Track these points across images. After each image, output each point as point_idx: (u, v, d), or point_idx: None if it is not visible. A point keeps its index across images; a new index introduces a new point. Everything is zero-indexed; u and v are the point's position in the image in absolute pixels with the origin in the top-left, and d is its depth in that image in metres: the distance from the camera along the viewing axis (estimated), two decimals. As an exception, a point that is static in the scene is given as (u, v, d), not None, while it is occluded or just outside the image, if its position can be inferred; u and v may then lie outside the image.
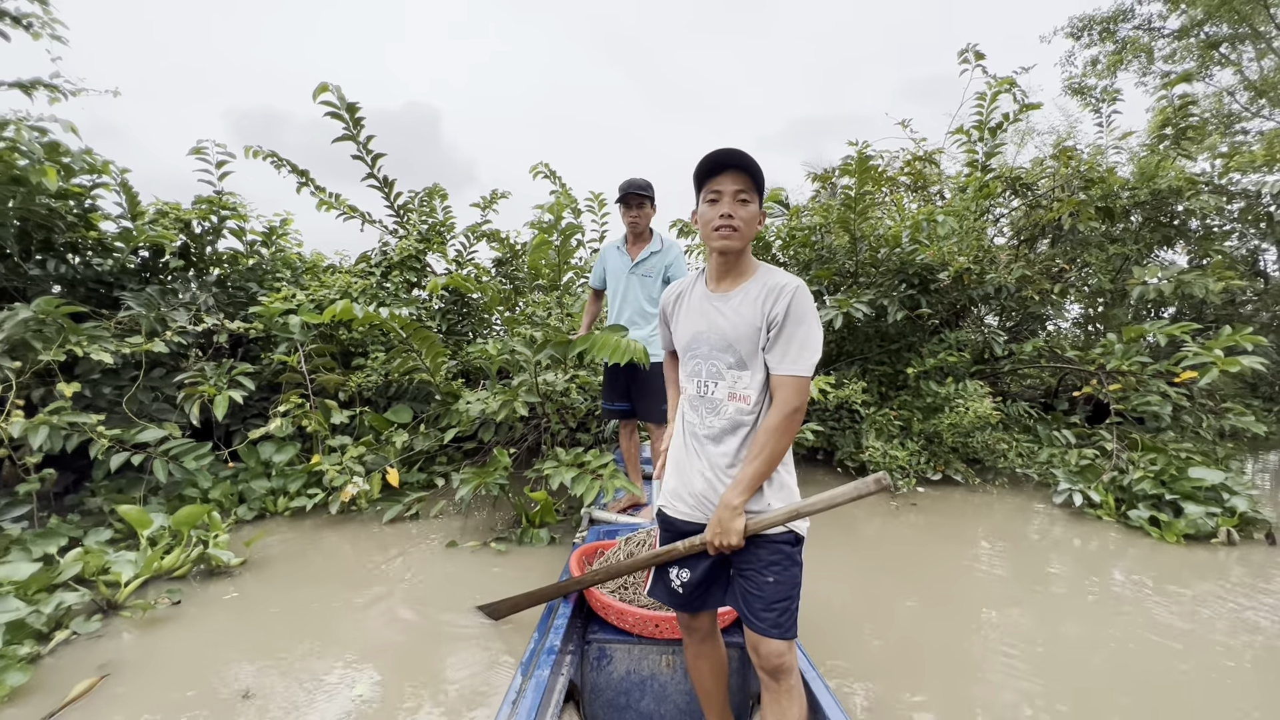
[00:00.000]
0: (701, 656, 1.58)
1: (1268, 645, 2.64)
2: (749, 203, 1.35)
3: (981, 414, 4.68)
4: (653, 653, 1.87)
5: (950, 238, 5.21)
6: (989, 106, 5.88)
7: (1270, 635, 2.71)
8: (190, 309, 4.11)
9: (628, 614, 1.87)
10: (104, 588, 2.55)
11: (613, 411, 3.27)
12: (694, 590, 1.48)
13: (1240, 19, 12.31)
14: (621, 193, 3.02)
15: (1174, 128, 6.03)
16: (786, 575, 1.35)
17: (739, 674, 1.85)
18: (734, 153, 1.33)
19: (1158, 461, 4.28)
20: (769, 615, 1.33)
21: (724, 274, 1.43)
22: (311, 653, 2.34)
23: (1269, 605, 3.00)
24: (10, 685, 1.94)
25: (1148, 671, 2.41)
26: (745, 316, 1.36)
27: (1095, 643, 2.62)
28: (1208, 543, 3.81)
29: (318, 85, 4.93)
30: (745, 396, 1.37)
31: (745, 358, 1.37)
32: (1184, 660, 2.49)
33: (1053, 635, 2.69)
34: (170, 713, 1.96)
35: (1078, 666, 2.42)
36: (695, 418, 1.45)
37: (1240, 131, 13.60)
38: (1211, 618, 2.86)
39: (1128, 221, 6.28)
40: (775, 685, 1.36)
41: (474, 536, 3.58)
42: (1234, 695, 2.26)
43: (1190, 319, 7.40)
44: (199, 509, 2.98)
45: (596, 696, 1.89)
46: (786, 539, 1.37)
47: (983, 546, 3.80)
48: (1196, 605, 2.99)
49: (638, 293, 3.11)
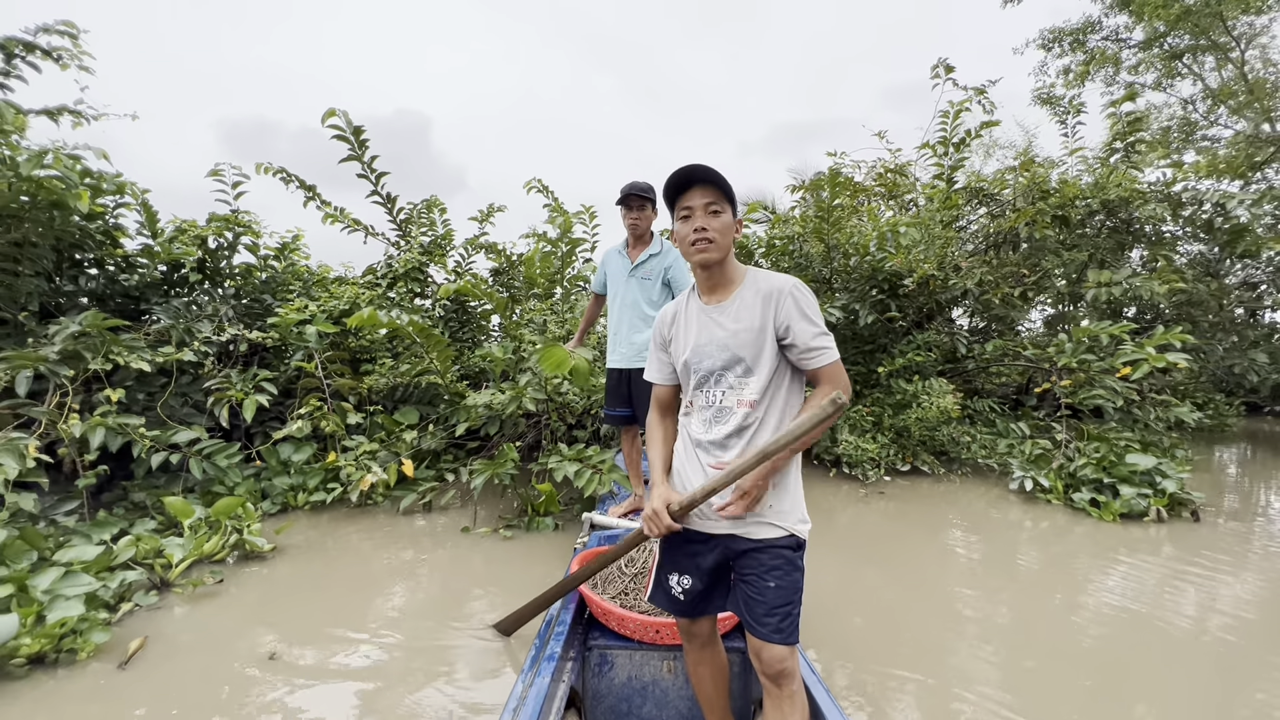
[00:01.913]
0: (702, 663, 1.59)
1: (1187, 615, 3.05)
2: (720, 213, 1.38)
3: (944, 408, 5.09)
4: (654, 658, 1.87)
5: (915, 247, 5.64)
6: (952, 124, 6.33)
7: (1196, 604, 3.12)
8: (213, 320, 4.45)
9: (628, 620, 1.86)
10: (159, 568, 2.89)
11: (614, 418, 3.23)
12: (694, 596, 1.48)
13: (1200, 31, 12.93)
14: (622, 195, 2.99)
15: (1122, 142, 6.50)
16: (788, 580, 1.36)
17: (740, 679, 1.85)
18: (698, 168, 1.37)
19: (1100, 449, 4.72)
20: (771, 620, 1.33)
21: (713, 285, 1.46)
22: (331, 623, 2.67)
23: (1195, 575, 3.41)
24: (95, 643, 2.29)
25: (1094, 637, 2.77)
26: (745, 322, 1.38)
27: (1046, 613, 2.94)
28: (1140, 521, 4.24)
29: (326, 110, 5.30)
30: (751, 401, 1.38)
31: (750, 363, 1.38)
32: (1123, 627, 2.86)
33: (1008, 608, 3.02)
34: (212, 668, 2.31)
35: (1035, 636, 2.72)
36: (701, 427, 1.45)
37: (1203, 139, 14.25)
38: (1143, 588, 3.26)
39: (1084, 229, 6.75)
40: (777, 690, 1.35)
41: (484, 524, 3.95)
42: (1162, 658, 2.64)
43: (1150, 319, 7.92)
44: (235, 500, 3.33)
45: (598, 703, 1.89)
46: (788, 544, 1.38)
47: (948, 530, 4.19)
48: (1130, 577, 3.39)
49: (637, 295, 3.05)
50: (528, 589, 2.85)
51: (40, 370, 3.24)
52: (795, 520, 1.40)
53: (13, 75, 4.48)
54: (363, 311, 3.72)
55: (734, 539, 1.41)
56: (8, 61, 4.48)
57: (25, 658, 2.16)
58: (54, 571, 2.48)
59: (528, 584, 2.91)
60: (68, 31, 4.61)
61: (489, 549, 3.58)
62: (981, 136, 6.54)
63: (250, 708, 2.07)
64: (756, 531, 1.38)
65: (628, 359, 3.08)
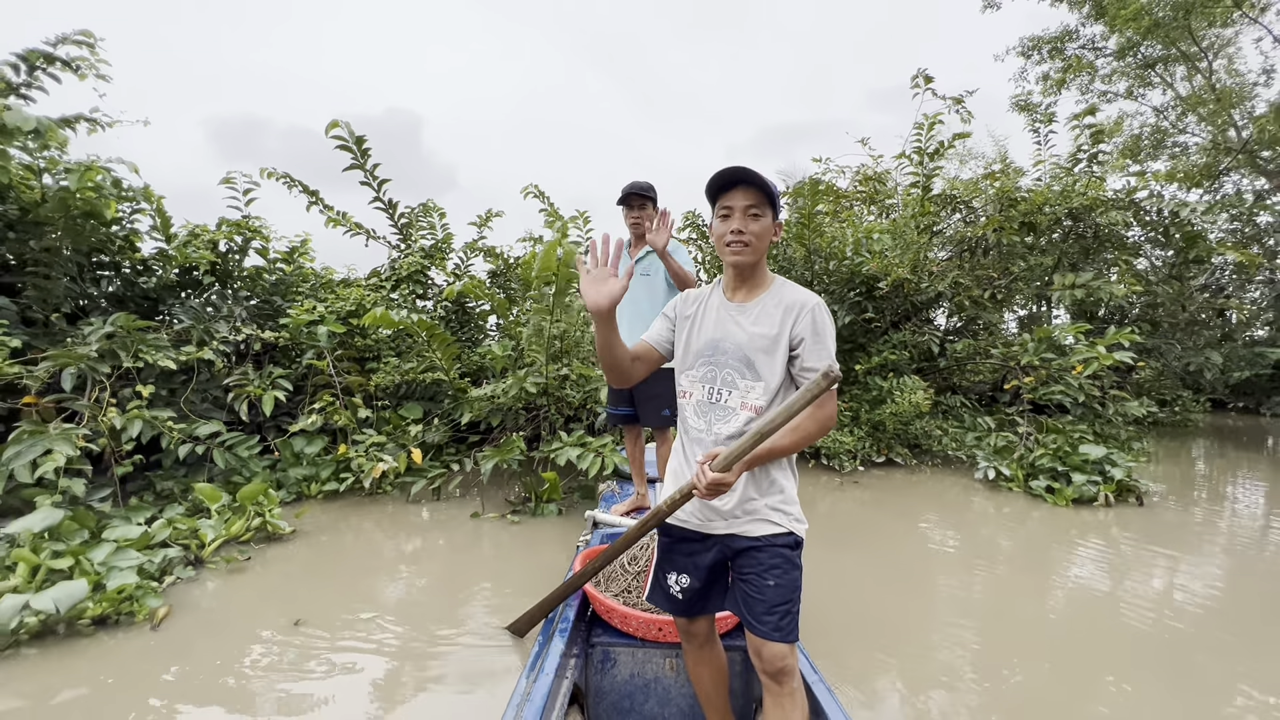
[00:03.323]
0: (701, 662, 1.59)
1: (1130, 591, 3.42)
2: (760, 217, 1.38)
3: (915, 403, 5.46)
4: (656, 656, 1.88)
5: (889, 252, 6.00)
6: (926, 135, 6.69)
7: (1138, 580, 3.45)
8: (229, 321, 4.72)
9: (631, 618, 1.88)
10: (194, 547, 3.18)
11: (616, 416, 3.24)
12: (692, 595, 1.49)
13: (1170, 41, 13.44)
14: (623, 195, 3.01)
15: (1086, 153, 6.90)
16: (787, 579, 1.36)
17: (741, 677, 1.86)
18: (743, 169, 1.36)
19: (1057, 441, 5.10)
20: (770, 619, 1.34)
21: (739, 285, 1.46)
22: (349, 596, 2.97)
23: (1139, 554, 3.77)
24: (150, 606, 2.58)
25: (1048, 609, 3.12)
26: (762, 329, 1.39)
27: (1011, 591, 3.23)
28: (1091, 505, 4.62)
29: (330, 122, 5.60)
30: (756, 406, 1.38)
31: (760, 368, 1.38)
32: (1072, 599, 3.22)
33: (975, 585, 3.35)
34: (246, 631, 2.60)
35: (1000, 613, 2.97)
36: (702, 424, 1.44)
37: (1174, 145, 14.79)
38: (1090, 565, 3.63)
39: (1052, 235, 7.14)
40: (777, 688, 1.36)
41: (492, 510, 4.26)
42: (1108, 627, 3.00)
43: (1120, 320, 8.35)
44: (259, 486, 3.61)
45: (601, 700, 1.90)
46: (786, 542, 1.39)
47: (918, 516, 4.53)
48: (1082, 556, 3.74)
49: (638, 292, 3.03)
50: (535, 573, 3.16)
51: (79, 367, 3.51)
52: (793, 519, 1.41)
53: (34, 86, 4.72)
54: (375, 311, 4.02)
55: (733, 538, 1.41)
56: (30, 73, 4.72)
57: (90, 619, 2.45)
58: (106, 547, 2.77)
59: (535, 569, 3.22)
60: (85, 41, 4.84)
61: (497, 534, 3.89)
62: (955, 147, 6.90)
63: (280, 663, 2.36)
64: (755, 529, 1.39)
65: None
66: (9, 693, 2.14)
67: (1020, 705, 2.21)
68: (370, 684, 2.26)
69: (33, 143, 4.08)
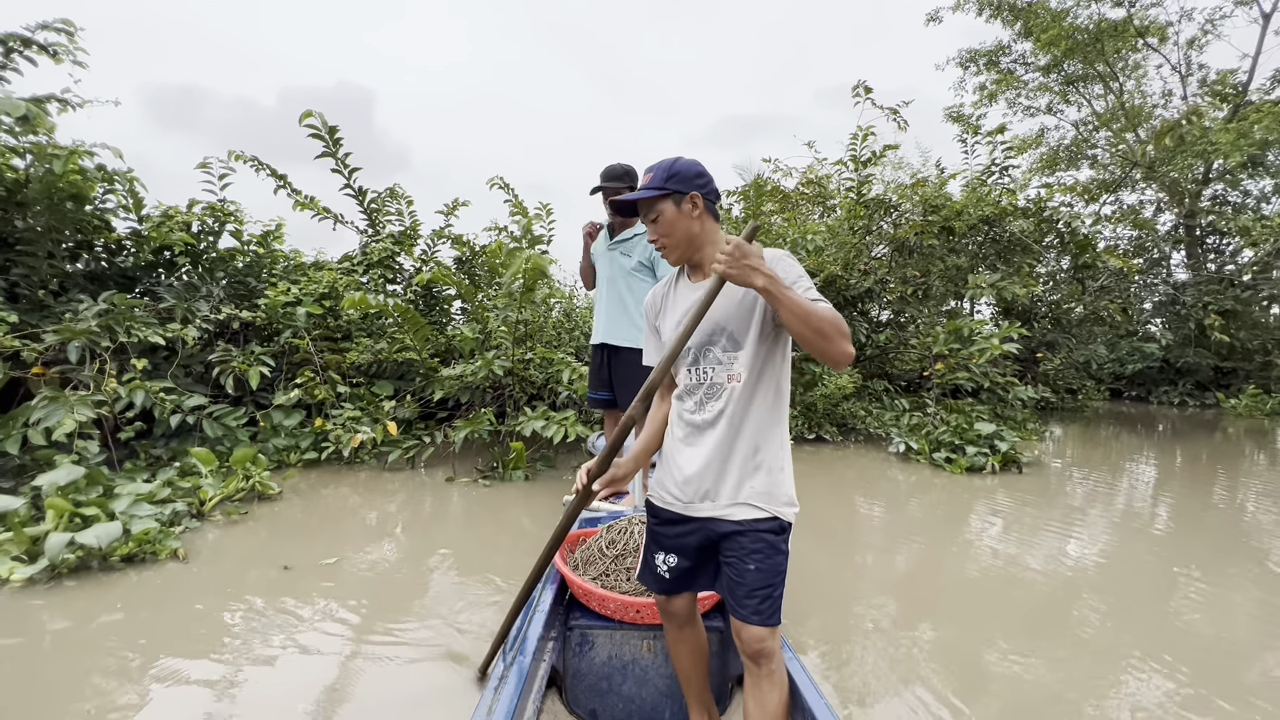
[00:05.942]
0: (681, 641, 1.61)
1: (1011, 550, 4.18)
2: (660, 216, 1.41)
3: (840, 385, 6.18)
4: (634, 637, 1.89)
5: (823, 251, 6.70)
6: (861, 144, 7.41)
7: (1019, 532, 4.25)
8: (209, 301, 4.99)
9: (609, 600, 1.88)
10: (195, 503, 3.55)
11: (596, 401, 3.26)
12: (680, 574, 1.51)
13: (1088, 62, 14.72)
14: (598, 187, 3.00)
15: (998, 166, 7.77)
16: (769, 564, 1.37)
17: (719, 657, 1.88)
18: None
19: (957, 420, 5.92)
20: (750, 602, 1.35)
21: (693, 270, 1.52)
22: (332, 545, 3.37)
23: (1017, 512, 4.57)
24: (171, 547, 2.98)
25: (955, 558, 3.86)
26: (728, 292, 1.38)
27: (922, 549, 3.87)
28: (980, 474, 5.44)
29: (303, 112, 5.84)
30: (739, 375, 1.39)
31: (737, 335, 1.39)
32: (969, 548, 3.97)
33: (897, 549, 3.96)
34: (240, 573, 2.99)
35: (917, 569, 3.46)
36: (692, 404, 1.46)
37: (1090, 158, 16.19)
38: (981, 522, 4.39)
39: (968, 239, 8.01)
40: (757, 669, 1.38)
41: (464, 476, 4.75)
42: (991, 567, 3.73)
43: (1028, 318, 9.37)
44: (249, 451, 3.99)
45: (578, 681, 1.91)
46: (770, 527, 1.38)
47: (845, 487, 5.21)
48: (974, 513, 4.52)
49: (615, 271, 3.05)
50: (505, 526, 3.68)
51: (83, 341, 3.79)
52: (781, 504, 1.40)
53: (9, 69, 4.85)
54: (354, 295, 4.39)
55: (714, 521, 1.42)
56: (6, 56, 4.84)
57: (121, 556, 2.83)
58: (126, 499, 3.13)
59: (506, 525, 3.75)
60: (65, 29, 4.98)
61: (470, 496, 4.37)
62: (886, 156, 7.65)
63: (273, 599, 2.75)
64: (736, 513, 1.39)
65: (604, 333, 3.13)
66: (58, 615, 2.52)
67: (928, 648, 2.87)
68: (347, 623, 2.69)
69: (19, 127, 4.26)
